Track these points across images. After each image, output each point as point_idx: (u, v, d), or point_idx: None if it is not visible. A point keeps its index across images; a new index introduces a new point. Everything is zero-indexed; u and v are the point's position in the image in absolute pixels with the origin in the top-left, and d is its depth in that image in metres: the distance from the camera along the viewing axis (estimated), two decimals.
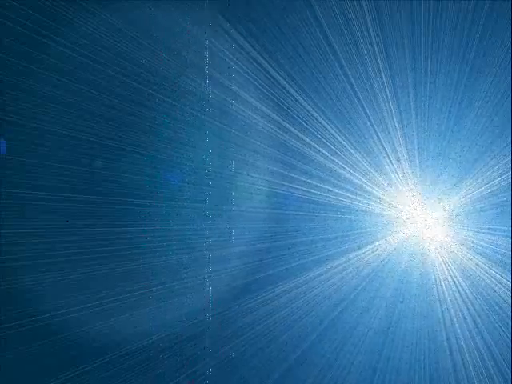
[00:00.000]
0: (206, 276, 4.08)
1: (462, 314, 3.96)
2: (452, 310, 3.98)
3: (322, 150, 4.06)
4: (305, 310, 4.11)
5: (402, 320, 4.07)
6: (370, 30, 3.83)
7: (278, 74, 3.98)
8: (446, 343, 3.98)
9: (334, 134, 4.03)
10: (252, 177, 4.11)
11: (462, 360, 3.92)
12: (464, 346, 3.93)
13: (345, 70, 3.94)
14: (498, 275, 3.89)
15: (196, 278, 4.06)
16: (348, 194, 4.10)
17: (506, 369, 3.81)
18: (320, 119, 4.02)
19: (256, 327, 4.08)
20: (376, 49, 3.87)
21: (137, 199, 3.92)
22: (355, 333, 4.09)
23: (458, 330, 3.95)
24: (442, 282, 4.02)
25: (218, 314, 4.08)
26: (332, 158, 4.06)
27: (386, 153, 4.04)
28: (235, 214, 4.11)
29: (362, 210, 4.12)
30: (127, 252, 3.90)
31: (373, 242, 4.12)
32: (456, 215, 4.02)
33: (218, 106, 4.02)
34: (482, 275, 3.92)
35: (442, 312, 4.01)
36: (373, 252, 4.12)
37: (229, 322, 4.07)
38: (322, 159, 4.07)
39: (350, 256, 4.11)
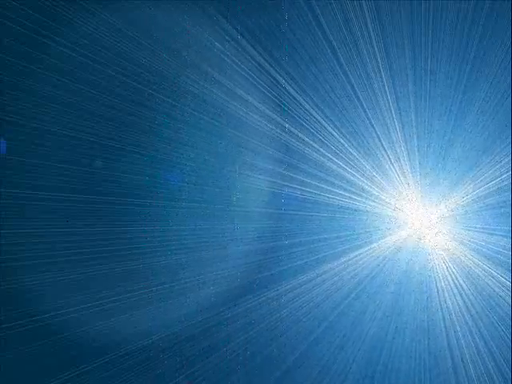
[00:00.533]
0: (213, 275, 4.08)
1: (462, 314, 3.95)
2: (452, 310, 3.98)
3: (321, 149, 4.06)
4: (304, 311, 4.11)
5: (401, 320, 4.07)
6: (370, 29, 3.83)
7: (278, 73, 3.98)
8: (446, 343, 3.98)
9: (334, 133, 4.03)
10: (252, 177, 4.11)
11: (462, 360, 3.92)
12: (464, 346, 3.93)
13: (345, 69, 3.94)
14: (498, 275, 3.88)
15: (196, 278, 4.06)
16: (348, 194, 4.10)
17: (506, 369, 3.81)
18: (320, 119, 4.02)
19: (255, 328, 4.08)
20: (376, 48, 3.87)
21: (137, 199, 3.92)
22: (355, 332, 4.09)
23: (458, 330, 3.95)
24: (442, 282, 4.02)
25: (216, 314, 4.08)
26: (332, 157, 4.06)
27: (386, 152, 4.04)
28: (235, 213, 4.11)
29: (362, 210, 4.12)
30: (127, 252, 3.90)
31: (373, 242, 4.12)
32: (456, 215, 4.02)
33: (218, 106, 4.02)
34: (481, 275, 3.92)
35: (442, 312, 4.01)
36: (372, 252, 4.11)
37: (228, 322, 4.07)
38: (321, 159, 4.07)
39: (350, 256, 4.11)
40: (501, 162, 3.87)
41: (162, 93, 3.92)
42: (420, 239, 4.11)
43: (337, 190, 4.10)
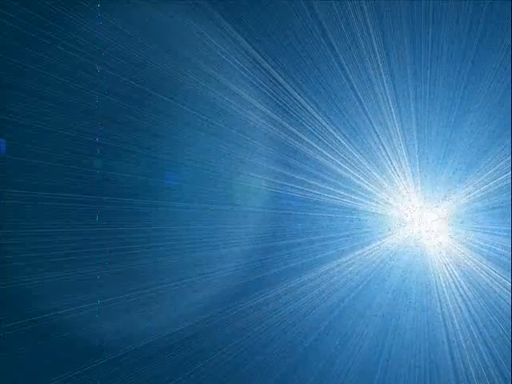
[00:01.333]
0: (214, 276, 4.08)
1: (462, 314, 3.95)
2: (452, 310, 3.98)
3: (321, 149, 4.06)
4: (303, 312, 4.11)
5: (401, 320, 4.07)
6: (370, 29, 3.83)
7: (279, 74, 3.98)
8: (446, 343, 3.98)
9: (334, 134, 4.03)
10: (252, 177, 4.11)
11: (462, 360, 3.92)
12: (464, 346, 3.93)
13: (345, 69, 3.94)
14: (498, 275, 3.89)
15: (195, 278, 4.06)
16: (348, 194, 4.10)
17: (506, 369, 3.81)
18: (320, 119, 4.02)
19: (254, 329, 4.08)
20: (376, 49, 3.87)
21: (136, 199, 3.92)
22: (355, 333, 4.09)
23: (459, 330, 3.95)
24: (442, 282, 4.02)
25: (216, 314, 4.07)
26: (332, 157, 4.06)
27: (386, 153, 4.04)
28: (235, 213, 4.11)
29: (362, 210, 4.12)
30: (127, 252, 3.90)
31: (373, 242, 4.12)
32: (456, 215, 4.02)
33: (218, 105, 4.02)
34: (481, 275, 3.92)
35: (442, 312, 4.01)
36: (373, 252, 4.11)
37: (228, 323, 4.07)
38: (321, 159, 4.07)
39: (350, 256, 4.11)
40: (501, 162, 3.87)
41: (162, 93, 3.92)
42: (420, 239, 4.11)
43: (337, 190, 4.10)
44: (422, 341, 4.03)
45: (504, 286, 3.87)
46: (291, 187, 4.12)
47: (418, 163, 4.04)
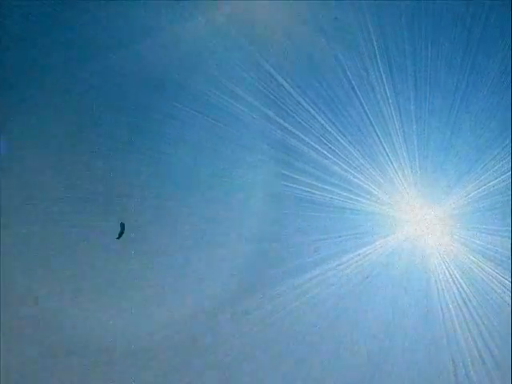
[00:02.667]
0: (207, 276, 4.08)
1: (462, 313, 3.95)
2: (452, 310, 3.98)
3: (321, 149, 4.06)
4: (303, 312, 4.11)
5: (401, 319, 4.07)
6: (370, 28, 3.83)
7: (279, 74, 3.98)
8: (446, 343, 3.98)
9: (334, 133, 4.03)
10: (251, 176, 4.11)
11: (463, 360, 3.92)
12: (464, 345, 3.93)
13: (344, 69, 3.94)
14: (498, 275, 3.89)
15: (194, 278, 4.06)
16: (348, 194, 4.10)
17: (506, 369, 3.81)
18: (320, 119, 4.02)
19: (253, 329, 4.08)
20: (376, 49, 3.87)
21: (136, 199, 3.92)
22: (355, 333, 4.09)
23: (458, 330, 3.95)
24: (442, 282, 4.02)
25: (215, 314, 4.07)
26: (332, 157, 4.06)
27: (386, 152, 4.04)
28: (234, 214, 4.11)
29: (362, 210, 4.12)
30: (127, 252, 3.91)
31: (373, 242, 4.12)
32: (456, 215, 4.02)
33: (217, 105, 4.02)
34: (481, 275, 3.92)
35: (442, 311, 4.01)
36: (373, 252, 4.11)
37: (228, 322, 4.07)
38: (321, 159, 4.07)
39: (350, 256, 4.11)
40: (501, 162, 3.87)
41: (162, 93, 3.92)
42: (420, 239, 4.11)
43: (337, 190, 4.10)
44: (421, 339, 4.03)
45: (504, 286, 3.87)
46: (290, 187, 4.12)
47: (417, 163, 4.04)
